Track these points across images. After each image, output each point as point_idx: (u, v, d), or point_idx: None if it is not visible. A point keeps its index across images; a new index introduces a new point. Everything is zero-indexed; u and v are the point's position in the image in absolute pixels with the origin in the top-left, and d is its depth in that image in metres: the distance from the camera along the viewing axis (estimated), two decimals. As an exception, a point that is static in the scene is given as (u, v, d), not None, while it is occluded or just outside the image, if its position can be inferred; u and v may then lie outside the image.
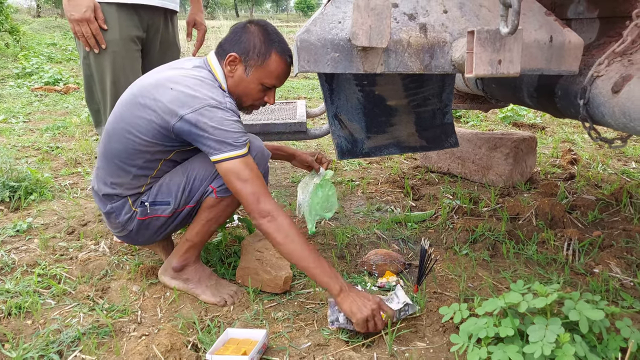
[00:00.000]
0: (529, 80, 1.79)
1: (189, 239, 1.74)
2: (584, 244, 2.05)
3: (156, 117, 1.56)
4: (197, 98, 1.52)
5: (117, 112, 1.65)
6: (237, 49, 1.63)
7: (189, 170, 1.67)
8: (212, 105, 1.52)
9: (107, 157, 1.66)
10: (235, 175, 1.52)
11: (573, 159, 3.38)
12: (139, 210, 1.70)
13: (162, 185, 1.69)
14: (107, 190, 1.68)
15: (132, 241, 1.82)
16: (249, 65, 1.63)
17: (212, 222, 1.72)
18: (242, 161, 1.53)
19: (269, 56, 1.63)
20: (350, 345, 1.46)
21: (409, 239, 2.20)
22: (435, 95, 2.25)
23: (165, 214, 1.70)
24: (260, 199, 1.51)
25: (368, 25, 1.25)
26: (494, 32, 1.22)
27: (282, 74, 1.68)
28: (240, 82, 1.66)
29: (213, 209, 1.69)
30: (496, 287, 1.79)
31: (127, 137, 1.60)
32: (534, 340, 1.23)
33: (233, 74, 1.65)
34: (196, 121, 1.51)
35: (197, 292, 1.73)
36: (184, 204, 1.70)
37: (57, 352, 1.44)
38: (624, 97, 1.28)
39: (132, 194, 1.69)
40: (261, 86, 1.67)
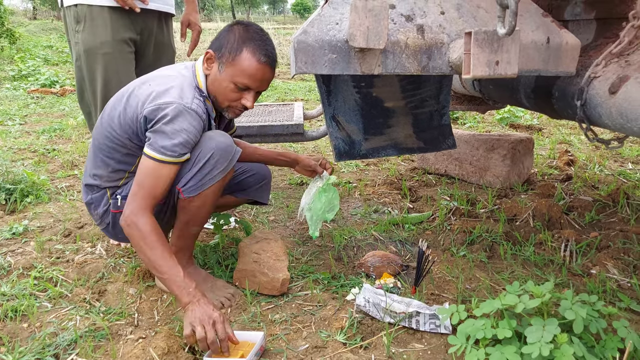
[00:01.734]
0: (526, 82, 1.79)
1: (174, 244, 1.73)
2: (581, 245, 2.06)
3: (129, 112, 1.59)
4: (165, 94, 1.54)
5: (106, 109, 1.69)
6: (214, 46, 1.64)
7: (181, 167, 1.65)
8: (175, 105, 1.52)
9: (93, 149, 1.70)
10: (140, 174, 1.53)
11: (570, 160, 3.39)
12: (112, 202, 1.71)
13: None
14: (89, 180, 1.72)
15: (112, 236, 1.81)
16: (222, 62, 1.60)
17: (190, 224, 1.71)
18: (158, 166, 1.52)
19: (240, 52, 1.57)
20: (348, 347, 1.46)
21: (407, 241, 2.20)
22: (432, 97, 2.25)
23: None
24: (132, 202, 1.51)
25: (365, 27, 1.25)
26: (491, 33, 1.22)
27: (254, 73, 1.58)
28: (215, 80, 1.63)
29: (186, 210, 1.67)
30: (493, 289, 1.78)
31: (108, 130, 1.63)
32: (531, 341, 1.23)
33: (209, 71, 1.64)
34: (154, 116, 1.52)
35: None
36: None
37: (53, 355, 1.43)
38: (621, 97, 1.29)
39: (110, 187, 1.71)
40: (234, 85, 1.60)
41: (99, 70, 2.09)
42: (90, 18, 2.09)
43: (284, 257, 1.84)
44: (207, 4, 51.54)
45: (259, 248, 1.84)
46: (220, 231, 2.10)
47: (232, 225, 2.29)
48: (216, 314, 1.39)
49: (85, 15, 2.09)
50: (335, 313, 1.63)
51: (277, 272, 1.75)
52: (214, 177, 1.61)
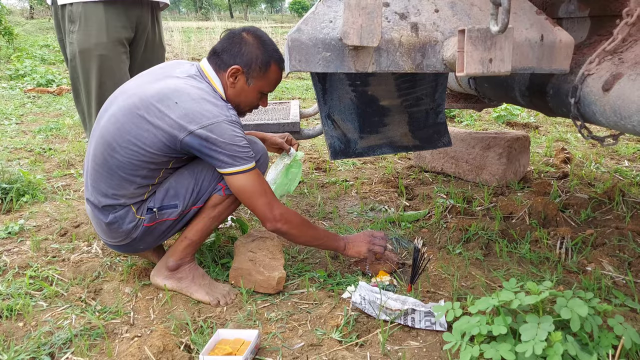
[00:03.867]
0: (521, 79, 1.79)
1: (188, 237, 1.75)
2: (576, 242, 2.06)
3: (163, 132, 1.56)
4: (204, 114, 1.55)
5: (118, 123, 1.59)
6: (240, 61, 1.67)
7: (197, 172, 1.69)
8: (221, 121, 1.56)
9: (109, 169, 1.62)
10: (250, 189, 1.60)
11: (566, 157, 3.40)
12: (147, 217, 1.69)
13: (169, 189, 1.69)
14: (108, 201, 1.65)
15: (131, 249, 1.78)
16: (251, 77, 1.69)
17: (214, 220, 1.75)
18: (253, 174, 1.61)
19: (270, 67, 1.70)
20: (343, 345, 1.46)
21: (403, 239, 2.20)
22: (428, 95, 2.25)
23: (172, 217, 1.71)
24: (273, 207, 1.64)
25: (359, 25, 1.25)
26: (484, 30, 1.22)
27: (278, 81, 1.78)
28: (242, 92, 1.72)
29: (218, 206, 1.72)
30: (489, 286, 1.79)
31: (133, 149, 1.58)
32: (525, 339, 1.23)
33: (235, 85, 1.70)
34: (206, 137, 1.54)
35: (190, 291, 1.73)
36: (191, 205, 1.71)
37: (48, 354, 1.43)
38: (614, 95, 1.29)
39: (135, 202, 1.67)
40: (260, 94, 1.76)
41: (93, 72, 2.09)
42: (84, 18, 2.08)
43: (280, 255, 1.84)
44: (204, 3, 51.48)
45: (254, 246, 1.84)
46: (216, 230, 2.10)
47: (228, 223, 2.29)
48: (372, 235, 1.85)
49: (80, 15, 2.08)
50: (331, 311, 1.63)
51: (273, 270, 1.75)
52: None
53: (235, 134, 1.57)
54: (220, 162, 1.57)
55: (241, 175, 1.59)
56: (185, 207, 1.71)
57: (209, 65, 1.71)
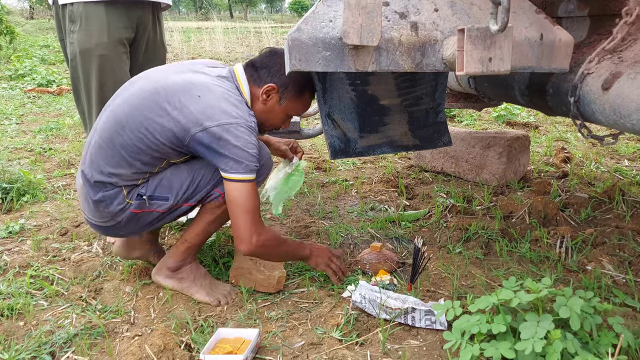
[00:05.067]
0: (521, 79, 1.79)
1: (188, 239, 1.74)
2: (576, 242, 2.06)
3: (176, 122, 1.54)
4: (225, 113, 1.53)
5: (134, 104, 1.58)
6: (277, 81, 1.67)
7: (196, 170, 1.68)
8: (239, 124, 1.54)
9: (113, 146, 1.60)
10: (240, 201, 1.56)
11: (566, 157, 3.40)
12: (135, 202, 1.66)
13: (163, 180, 1.66)
14: (102, 178, 1.62)
15: (112, 232, 1.75)
16: (285, 98, 1.70)
17: (213, 224, 1.74)
18: (250, 186, 1.57)
19: (304, 94, 1.74)
20: (343, 343, 1.47)
21: (403, 238, 2.21)
22: (428, 95, 2.25)
23: (160, 209, 1.69)
24: (253, 232, 1.57)
25: (359, 24, 1.25)
26: (484, 29, 1.22)
27: (306, 108, 1.81)
28: (271, 110, 1.71)
29: (217, 210, 1.71)
30: (489, 285, 1.79)
31: (142, 132, 1.56)
32: (525, 337, 1.24)
33: (266, 102, 1.69)
34: (220, 136, 1.52)
35: (191, 291, 1.73)
36: (183, 201, 1.69)
37: (49, 353, 1.44)
38: (613, 94, 1.29)
39: (127, 185, 1.65)
40: (287, 116, 1.77)
41: (94, 72, 2.09)
42: (85, 18, 2.08)
43: (280, 254, 1.84)
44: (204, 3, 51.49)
45: (255, 246, 1.84)
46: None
47: (229, 223, 2.29)
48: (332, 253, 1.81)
49: (81, 15, 2.09)
50: (331, 310, 1.63)
51: (273, 269, 1.75)
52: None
53: (249, 140, 1.55)
54: (225, 164, 1.55)
55: (238, 184, 1.56)
56: (177, 202, 1.68)
57: (243, 73, 1.69)
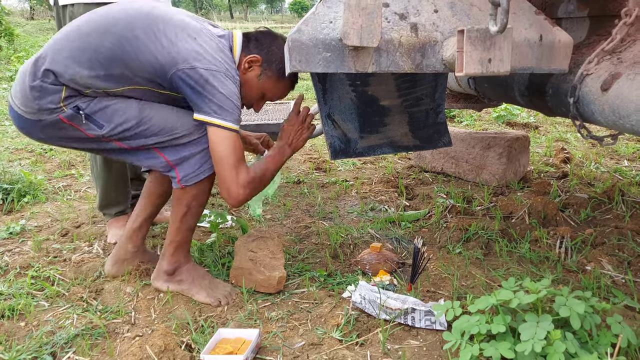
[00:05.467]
0: (520, 79, 1.80)
1: (172, 239, 1.73)
2: (576, 242, 2.07)
3: (166, 54, 1.50)
4: (216, 60, 1.52)
5: (132, 15, 1.53)
6: (264, 55, 1.66)
7: (147, 114, 1.59)
8: (227, 75, 1.53)
9: (87, 42, 1.50)
10: (226, 148, 1.53)
11: (566, 157, 3.40)
12: (68, 112, 1.53)
13: (109, 108, 1.56)
14: (55, 67, 1.50)
15: (27, 129, 1.61)
16: (265, 74, 1.68)
17: (187, 217, 1.70)
18: (235, 136, 1.54)
19: (285, 78, 1.70)
20: (344, 344, 1.47)
21: (403, 238, 2.21)
22: (428, 95, 2.25)
23: (88, 133, 1.58)
24: (239, 183, 1.56)
25: (359, 25, 1.26)
26: (483, 31, 1.23)
27: (284, 94, 1.79)
28: (249, 82, 1.68)
29: (182, 201, 1.67)
30: (489, 285, 1.79)
31: (127, 47, 1.50)
32: (525, 338, 1.24)
33: (246, 72, 1.66)
34: (206, 79, 1.49)
35: (191, 293, 1.73)
36: (116, 137, 1.59)
37: (50, 353, 1.44)
38: (612, 95, 1.30)
39: (71, 89, 1.53)
40: (261, 95, 1.73)
41: None
42: None
43: (280, 255, 1.84)
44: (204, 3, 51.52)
45: (255, 246, 1.84)
46: (216, 230, 2.11)
47: (228, 223, 2.29)
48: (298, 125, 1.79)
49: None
50: (331, 310, 1.63)
51: (274, 270, 1.76)
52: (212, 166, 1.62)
53: (235, 91, 1.54)
54: (208, 107, 1.51)
55: (223, 131, 1.52)
56: (109, 135, 1.58)
57: (240, 38, 1.67)
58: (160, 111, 1.62)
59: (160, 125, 1.60)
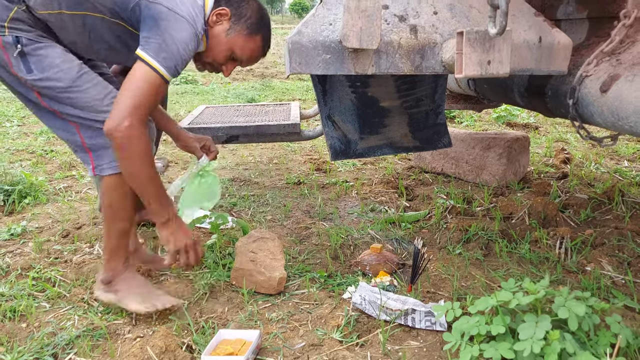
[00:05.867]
0: (520, 81, 1.80)
1: (105, 244, 1.62)
2: (576, 242, 2.07)
3: None
4: (184, 6, 1.42)
5: None
6: (233, 10, 1.56)
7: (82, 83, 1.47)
8: (189, 26, 1.42)
9: None
10: (138, 84, 1.38)
11: (566, 158, 3.41)
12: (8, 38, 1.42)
13: (47, 58, 1.45)
14: None
15: None
16: (234, 29, 1.56)
17: (110, 219, 1.57)
18: (159, 82, 1.40)
19: (256, 34, 1.60)
20: (344, 345, 1.47)
21: (403, 239, 2.21)
22: (428, 96, 2.26)
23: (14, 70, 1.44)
24: (125, 115, 1.36)
25: (359, 27, 1.27)
26: (482, 33, 1.23)
27: (255, 56, 1.64)
28: (216, 37, 1.57)
29: (105, 196, 1.54)
30: (489, 286, 1.80)
31: None
32: (524, 338, 1.25)
33: (214, 26, 1.55)
34: (165, 17, 1.39)
35: (125, 303, 1.61)
36: (37, 89, 1.46)
37: (51, 354, 1.45)
38: (611, 96, 1.30)
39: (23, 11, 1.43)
40: (230, 53, 1.60)
41: None
42: None
43: (281, 256, 1.85)
44: (204, 4, 51.42)
45: (255, 247, 1.85)
46: (217, 231, 2.11)
47: (229, 224, 2.30)
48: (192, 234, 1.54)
49: None
50: (331, 311, 1.64)
51: (274, 271, 1.76)
52: None
53: (188, 45, 1.42)
54: (148, 41, 1.39)
55: (148, 71, 1.38)
56: (32, 84, 1.45)
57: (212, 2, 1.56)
58: (97, 86, 1.49)
59: (89, 102, 1.47)
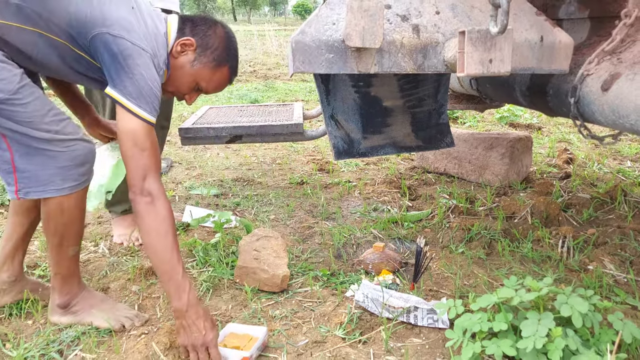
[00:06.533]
0: (522, 80, 1.81)
1: (55, 271, 1.55)
2: (578, 242, 2.08)
3: (98, 14, 1.33)
4: (148, 40, 1.37)
5: None
6: (198, 38, 1.50)
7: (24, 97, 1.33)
8: (154, 61, 1.37)
9: None
10: (136, 138, 1.34)
11: (569, 158, 3.41)
12: None
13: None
14: None
15: None
16: (200, 61, 1.51)
17: (57, 246, 1.50)
18: (148, 127, 1.36)
19: (222, 66, 1.55)
20: (347, 342, 1.48)
21: (406, 238, 2.22)
22: (430, 96, 2.27)
23: None
24: (147, 176, 1.34)
25: (361, 27, 1.28)
26: (484, 32, 1.24)
27: (220, 87, 1.60)
28: (181, 67, 1.51)
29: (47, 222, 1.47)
30: (491, 285, 1.81)
31: None
32: (526, 335, 1.25)
33: (178, 57, 1.50)
34: (131, 54, 1.32)
35: (90, 320, 1.58)
36: None
37: (57, 351, 1.46)
38: (612, 94, 1.31)
39: None
40: (195, 85, 1.55)
41: None
42: None
43: (284, 254, 1.86)
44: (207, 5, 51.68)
45: (259, 245, 1.86)
46: (221, 230, 2.13)
47: (233, 223, 2.31)
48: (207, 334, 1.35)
49: None
50: (334, 309, 1.65)
51: (277, 268, 1.77)
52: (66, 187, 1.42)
53: (156, 80, 1.37)
54: (123, 85, 1.32)
55: (139, 121, 1.34)
56: None
57: (175, 22, 1.51)
58: (37, 101, 1.37)
59: (29, 117, 1.35)
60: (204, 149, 4.03)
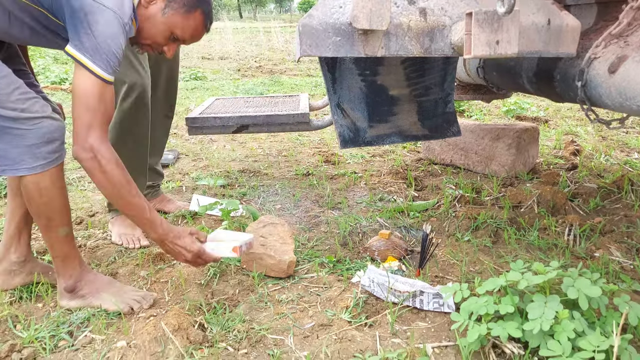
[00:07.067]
0: (529, 66, 1.81)
1: (53, 254, 1.58)
2: (584, 229, 2.07)
3: None
4: None
5: None
6: None
7: None
8: (117, 18, 1.34)
9: None
10: (88, 95, 1.35)
11: (576, 150, 3.40)
12: None
13: None
14: None
15: None
16: (171, 7, 1.49)
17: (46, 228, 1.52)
18: (104, 87, 1.36)
19: (195, 11, 1.51)
20: (353, 325, 1.49)
21: (412, 227, 2.23)
22: (437, 85, 2.27)
23: None
24: (91, 134, 1.36)
25: (369, 8, 1.28)
26: (491, 13, 1.25)
27: (197, 35, 1.58)
28: (153, 18, 1.49)
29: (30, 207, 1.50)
30: (497, 271, 1.81)
31: None
32: (532, 317, 1.26)
33: (148, 6, 1.47)
34: (91, 10, 1.31)
35: (98, 303, 1.60)
36: None
37: (67, 332, 1.48)
38: (619, 77, 1.31)
39: None
40: (170, 34, 1.53)
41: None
42: None
43: (290, 240, 1.87)
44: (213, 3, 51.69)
45: (265, 232, 1.87)
46: (228, 217, 2.14)
47: (239, 212, 2.33)
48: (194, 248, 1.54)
49: None
50: (340, 294, 1.66)
51: (284, 254, 1.79)
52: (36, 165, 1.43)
53: (118, 39, 1.34)
54: (82, 43, 1.31)
55: (91, 78, 1.33)
56: None
57: None
58: (5, 79, 1.39)
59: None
60: (210, 141, 4.04)
